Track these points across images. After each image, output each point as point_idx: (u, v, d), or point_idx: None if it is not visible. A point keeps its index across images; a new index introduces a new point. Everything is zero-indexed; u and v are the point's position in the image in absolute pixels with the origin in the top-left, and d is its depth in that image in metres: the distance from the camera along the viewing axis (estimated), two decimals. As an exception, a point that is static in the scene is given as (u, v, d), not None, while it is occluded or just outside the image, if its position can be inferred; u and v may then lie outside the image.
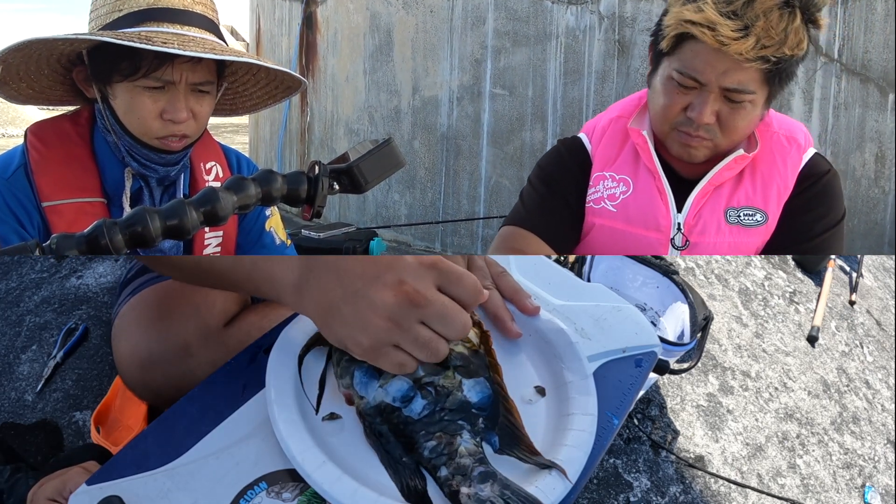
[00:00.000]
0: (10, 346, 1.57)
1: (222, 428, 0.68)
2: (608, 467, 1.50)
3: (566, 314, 0.86)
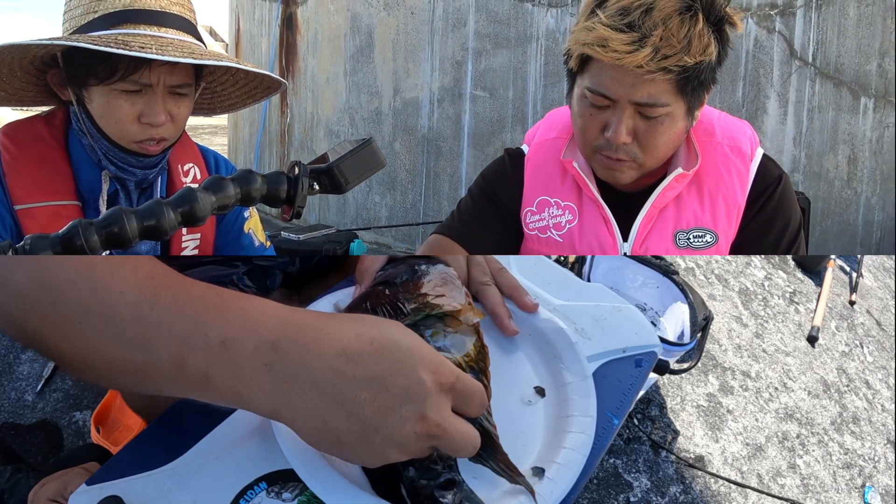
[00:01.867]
0: (11, 346, 1.57)
1: (222, 428, 0.68)
2: (608, 467, 1.50)
3: (566, 314, 0.86)
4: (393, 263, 0.83)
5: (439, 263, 0.81)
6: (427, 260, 0.81)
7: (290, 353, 0.53)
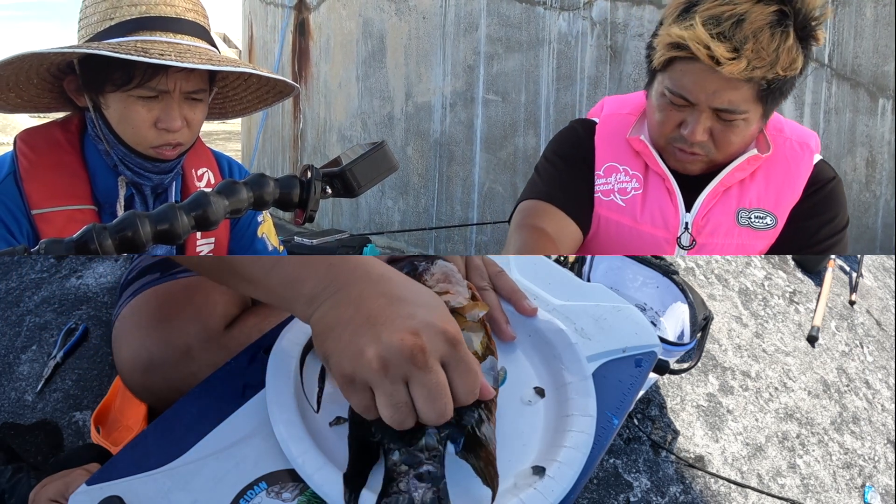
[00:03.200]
0: (10, 346, 1.57)
1: (222, 428, 0.68)
2: (608, 467, 1.50)
3: (566, 314, 0.86)
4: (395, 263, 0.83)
5: (439, 260, 0.81)
6: (426, 258, 0.82)
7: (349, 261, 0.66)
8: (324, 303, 0.64)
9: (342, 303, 0.63)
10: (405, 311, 0.61)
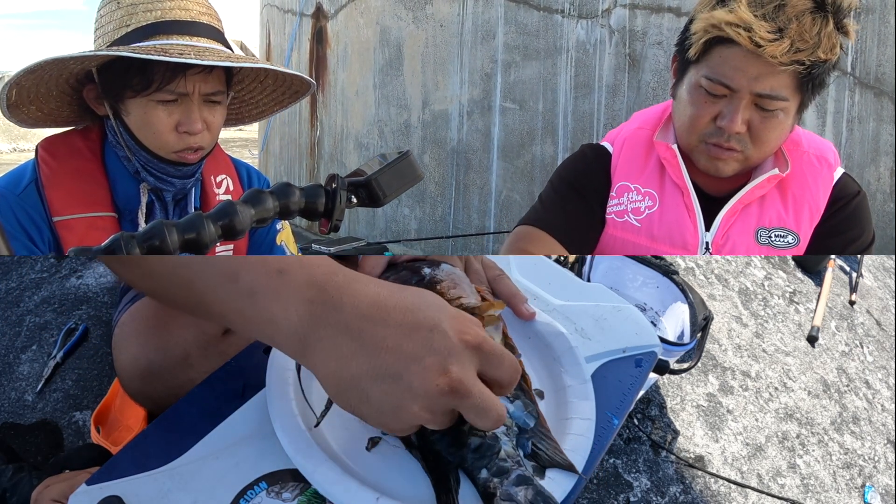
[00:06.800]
0: (10, 346, 1.57)
1: (222, 428, 0.68)
2: (608, 467, 1.50)
3: (566, 314, 0.86)
4: (394, 269, 0.83)
5: (443, 264, 0.81)
6: (429, 263, 0.82)
7: (331, 294, 0.57)
8: (320, 349, 0.57)
9: (344, 351, 0.56)
10: (419, 342, 0.55)
